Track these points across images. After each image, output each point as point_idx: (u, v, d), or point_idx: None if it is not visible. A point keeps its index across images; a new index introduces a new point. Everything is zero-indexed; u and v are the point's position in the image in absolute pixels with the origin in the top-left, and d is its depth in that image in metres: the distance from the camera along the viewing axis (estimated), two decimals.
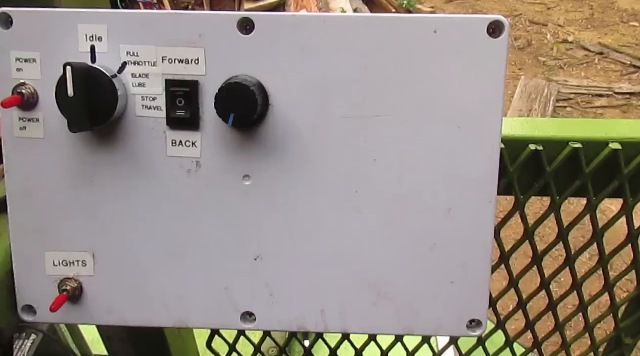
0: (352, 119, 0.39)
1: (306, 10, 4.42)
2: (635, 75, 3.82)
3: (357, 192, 0.40)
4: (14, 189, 0.42)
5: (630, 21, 4.62)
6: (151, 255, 0.42)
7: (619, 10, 4.83)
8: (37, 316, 0.44)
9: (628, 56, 3.99)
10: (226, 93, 0.37)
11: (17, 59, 0.40)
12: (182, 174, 0.41)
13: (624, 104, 3.55)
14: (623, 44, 4.20)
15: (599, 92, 3.65)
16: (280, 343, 0.84)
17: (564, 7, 5.05)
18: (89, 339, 1.03)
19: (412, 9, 4.92)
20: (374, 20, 0.38)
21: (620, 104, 3.55)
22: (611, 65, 3.95)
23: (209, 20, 0.39)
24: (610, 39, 4.31)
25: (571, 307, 0.68)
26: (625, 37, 4.35)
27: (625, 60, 3.94)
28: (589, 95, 3.63)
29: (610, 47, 4.13)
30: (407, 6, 4.90)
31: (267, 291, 0.42)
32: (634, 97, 3.60)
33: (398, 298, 0.41)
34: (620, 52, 4.06)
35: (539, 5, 5.13)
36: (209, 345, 0.82)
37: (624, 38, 4.33)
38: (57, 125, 0.41)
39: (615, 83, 3.73)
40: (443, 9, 5.20)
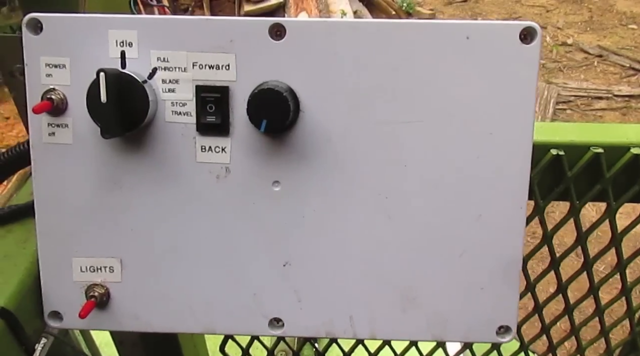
0: (382, 125, 0.39)
1: (306, 12, 4.42)
2: (634, 78, 3.83)
3: (387, 197, 0.40)
4: (42, 195, 0.42)
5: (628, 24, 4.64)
6: (178, 260, 0.42)
7: (618, 13, 4.84)
8: (63, 322, 0.43)
9: (627, 58, 4.00)
10: (259, 99, 0.37)
11: (47, 64, 0.40)
12: (211, 180, 0.41)
13: (624, 106, 3.57)
14: (622, 47, 4.22)
15: (598, 94, 3.66)
16: (294, 347, 0.84)
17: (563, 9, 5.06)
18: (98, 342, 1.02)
19: (412, 11, 4.92)
20: (405, 27, 0.38)
21: (620, 106, 3.56)
22: (610, 68, 3.97)
23: (240, 25, 0.39)
24: (609, 42, 4.33)
25: (580, 313, 0.67)
26: (624, 39, 4.36)
27: (624, 62, 3.96)
28: (588, 98, 3.64)
29: (609, 50, 4.14)
30: (406, 8, 4.91)
31: (296, 297, 0.42)
32: (633, 100, 3.62)
33: (427, 304, 0.41)
34: (619, 54, 4.07)
35: (537, 8, 5.15)
36: (222, 349, 0.82)
37: (623, 40, 4.34)
38: (85, 130, 0.40)
39: (614, 85, 3.74)
40: (442, 12, 5.21)
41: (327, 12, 4.37)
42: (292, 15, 4.35)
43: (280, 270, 0.42)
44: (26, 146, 0.49)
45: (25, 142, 0.49)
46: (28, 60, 0.40)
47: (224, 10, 4.80)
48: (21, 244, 0.45)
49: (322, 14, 4.28)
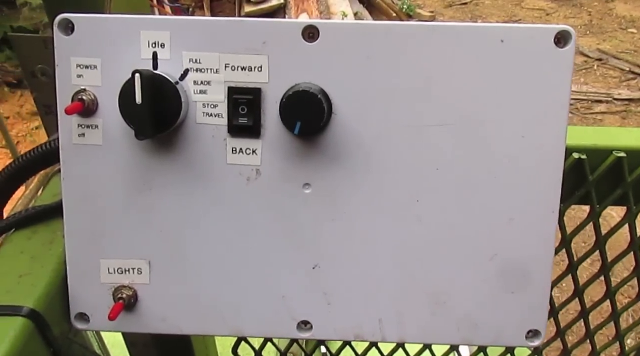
0: (415, 128, 0.39)
1: (307, 13, 4.42)
2: (634, 81, 3.85)
3: (418, 200, 0.40)
4: (71, 195, 0.41)
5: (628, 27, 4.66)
6: (207, 263, 0.42)
7: (617, 17, 4.87)
8: (90, 324, 0.43)
9: (627, 62, 4.02)
10: (293, 101, 0.37)
11: (78, 65, 0.40)
12: (242, 182, 0.41)
13: (623, 110, 3.58)
14: (621, 50, 4.24)
15: (598, 97, 3.68)
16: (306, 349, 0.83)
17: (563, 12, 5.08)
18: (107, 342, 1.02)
19: (412, 13, 4.93)
20: (440, 29, 0.38)
21: (619, 110, 3.58)
22: (610, 71, 3.98)
23: (273, 27, 0.39)
24: (608, 45, 4.34)
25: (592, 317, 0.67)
26: (623, 43, 4.38)
27: (624, 66, 3.97)
28: (588, 101, 3.66)
29: (609, 53, 4.16)
30: (407, 10, 4.92)
31: (325, 300, 0.42)
32: (633, 103, 3.63)
33: (457, 307, 0.41)
34: (618, 58, 4.09)
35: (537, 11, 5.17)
36: (235, 350, 0.82)
37: (622, 44, 4.36)
38: (116, 131, 0.40)
39: (614, 89, 3.76)
40: (442, 14, 5.22)
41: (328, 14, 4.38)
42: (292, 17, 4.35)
43: (310, 273, 0.42)
44: (49, 146, 0.49)
45: (49, 141, 0.49)
46: (59, 60, 0.40)
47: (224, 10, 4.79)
48: (47, 245, 0.44)
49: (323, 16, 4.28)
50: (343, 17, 4.31)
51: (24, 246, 0.44)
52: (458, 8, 5.31)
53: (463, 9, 5.30)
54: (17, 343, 0.37)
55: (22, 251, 0.44)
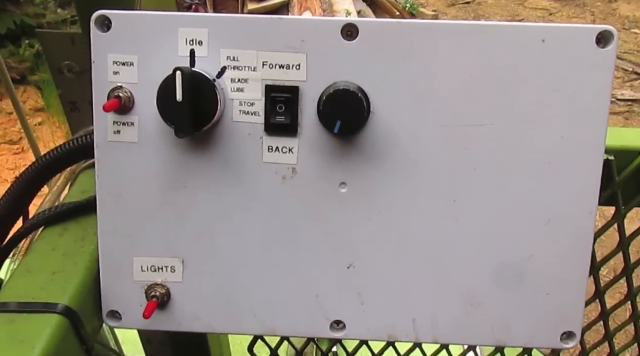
0: (453, 128, 0.39)
1: (310, 11, 4.41)
2: (637, 82, 3.85)
3: (455, 201, 0.40)
4: (105, 193, 0.41)
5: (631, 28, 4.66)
6: (241, 262, 0.42)
7: (620, 17, 4.86)
8: (121, 321, 0.43)
9: (630, 63, 4.01)
10: (334, 100, 0.37)
11: (114, 61, 0.39)
12: (277, 180, 0.41)
13: (626, 111, 3.58)
14: (625, 51, 4.23)
15: None
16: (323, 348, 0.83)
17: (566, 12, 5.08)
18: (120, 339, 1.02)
19: (415, 11, 4.93)
20: (481, 29, 0.38)
21: (622, 111, 3.58)
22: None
23: (312, 25, 0.39)
24: None
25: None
26: (626, 44, 4.38)
27: (627, 66, 3.97)
28: None
29: None
30: (409, 9, 4.91)
31: (359, 299, 0.42)
32: (636, 104, 3.63)
33: (492, 308, 0.41)
34: (622, 58, 4.09)
35: (540, 11, 5.17)
36: (250, 349, 0.82)
37: (626, 45, 4.36)
38: (151, 128, 0.40)
39: (617, 89, 3.76)
40: (445, 13, 5.22)
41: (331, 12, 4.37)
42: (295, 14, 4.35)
43: (344, 272, 0.41)
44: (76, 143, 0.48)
45: (76, 138, 0.49)
46: (95, 57, 0.39)
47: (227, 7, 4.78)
48: (79, 242, 0.44)
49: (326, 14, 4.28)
50: (346, 15, 4.30)
51: (56, 243, 0.44)
52: (461, 7, 5.30)
53: (466, 8, 5.30)
54: (53, 340, 0.37)
55: (53, 248, 0.44)
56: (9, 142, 3.28)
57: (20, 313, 0.38)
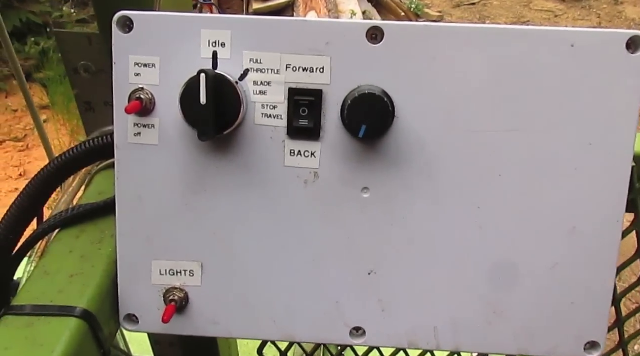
0: (479, 133, 0.39)
1: (315, 11, 4.40)
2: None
3: (480, 207, 0.39)
4: (124, 195, 0.41)
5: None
6: (261, 266, 0.41)
7: (627, 20, 4.85)
8: (139, 325, 0.43)
9: None
10: (359, 104, 0.37)
11: (136, 63, 0.39)
12: (299, 185, 0.40)
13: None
14: None
15: None
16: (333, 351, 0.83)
17: (572, 14, 5.06)
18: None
19: (420, 12, 4.92)
20: (508, 33, 0.37)
21: None
22: None
23: (338, 28, 0.38)
24: None
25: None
26: None
27: None
28: None
29: None
30: (415, 10, 4.91)
31: (379, 306, 0.41)
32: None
33: (515, 317, 0.41)
34: None
35: (546, 13, 5.15)
36: (260, 351, 0.81)
37: None
38: (172, 131, 0.40)
39: None
40: (450, 14, 5.21)
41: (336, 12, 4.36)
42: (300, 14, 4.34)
43: (365, 278, 0.41)
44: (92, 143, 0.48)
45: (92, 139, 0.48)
46: (117, 58, 0.39)
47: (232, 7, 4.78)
48: (96, 244, 0.44)
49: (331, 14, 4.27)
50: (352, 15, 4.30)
51: (73, 245, 0.44)
52: (466, 8, 5.29)
53: (471, 9, 5.29)
54: (72, 344, 0.37)
55: (71, 250, 0.43)
56: (13, 139, 3.28)
57: (39, 317, 0.38)
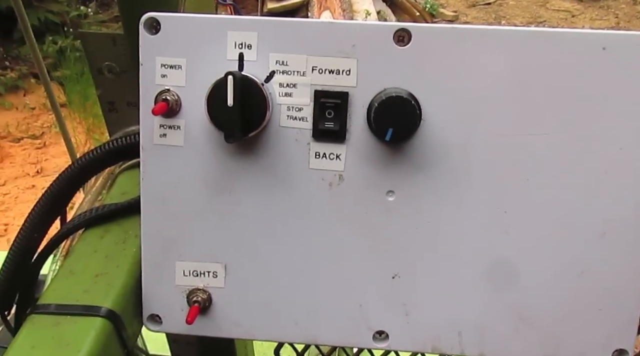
0: (507, 137, 0.38)
1: (329, 11, 4.40)
2: None
3: (506, 212, 0.39)
4: (149, 196, 0.41)
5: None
6: (284, 268, 0.41)
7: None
8: (162, 326, 0.43)
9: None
10: (386, 107, 0.36)
11: (162, 64, 0.39)
12: (324, 187, 0.40)
13: None
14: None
15: None
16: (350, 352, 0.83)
17: (589, 14, 5.00)
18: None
19: (435, 12, 4.90)
20: (538, 35, 0.37)
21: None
22: None
23: (364, 30, 0.38)
24: None
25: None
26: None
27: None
28: None
29: None
30: (429, 9, 4.88)
31: (403, 310, 0.41)
32: None
33: (541, 323, 0.40)
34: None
35: (563, 12, 5.09)
36: (277, 352, 0.81)
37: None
38: (198, 132, 0.40)
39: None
40: (465, 14, 5.17)
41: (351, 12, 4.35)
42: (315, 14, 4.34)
43: (389, 282, 0.41)
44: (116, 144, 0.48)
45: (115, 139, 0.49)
46: (143, 60, 0.39)
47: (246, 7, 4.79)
48: (120, 244, 0.44)
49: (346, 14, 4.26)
50: (367, 15, 4.29)
51: (98, 245, 0.44)
52: (481, 8, 5.25)
53: (487, 9, 5.25)
54: (97, 344, 0.37)
55: (95, 250, 0.43)
56: (31, 136, 3.32)
57: (65, 316, 0.38)
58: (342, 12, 4.32)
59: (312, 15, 4.37)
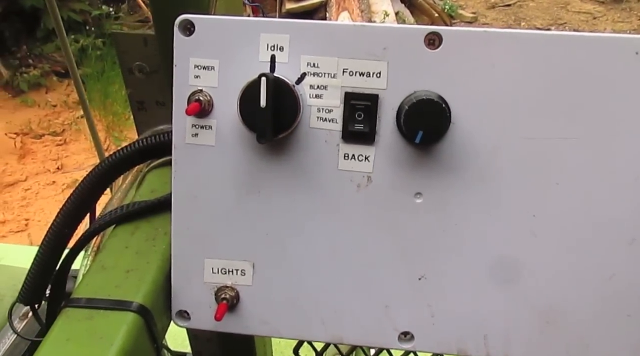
0: (536, 141, 0.38)
1: (348, 12, 4.40)
2: None
3: (535, 215, 0.39)
4: (180, 194, 0.42)
5: None
6: (311, 268, 0.42)
7: None
8: (190, 322, 0.44)
9: None
10: (416, 110, 0.37)
11: (196, 65, 0.40)
12: (352, 188, 0.40)
13: None
14: None
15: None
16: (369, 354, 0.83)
17: (611, 17, 4.93)
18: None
19: (454, 13, 4.87)
20: (570, 39, 0.37)
21: None
22: None
23: (396, 33, 0.38)
24: None
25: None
26: None
27: None
28: None
29: None
30: (448, 11, 4.86)
31: (429, 312, 0.41)
32: None
33: (568, 327, 0.40)
34: None
35: (584, 15, 5.03)
36: (296, 351, 0.82)
37: None
38: (228, 132, 0.40)
39: None
40: (485, 15, 5.13)
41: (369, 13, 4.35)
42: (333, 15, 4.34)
43: (415, 284, 0.41)
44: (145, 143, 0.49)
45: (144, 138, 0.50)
46: (177, 60, 0.40)
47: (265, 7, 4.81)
48: (150, 241, 0.45)
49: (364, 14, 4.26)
50: (385, 16, 4.28)
51: (129, 241, 0.45)
52: (501, 9, 5.21)
53: (506, 10, 5.20)
54: (129, 338, 0.38)
55: (126, 246, 0.44)
56: (52, 133, 3.38)
57: (98, 310, 0.39)
58: (360, 13, 4.32)
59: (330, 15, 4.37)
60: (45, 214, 2.68)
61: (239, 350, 0.81)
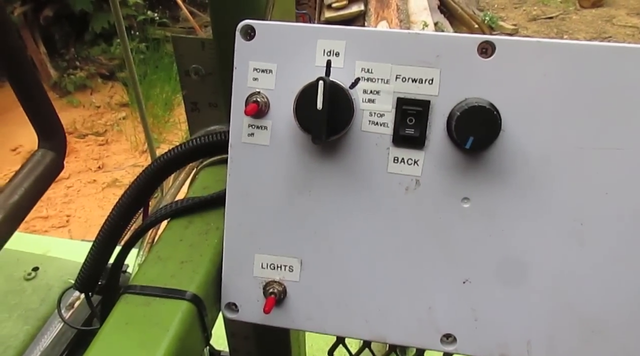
0: (586, 150, 0.39)
1: (387, 21, 4.41)
2: None
3: (582, 224, 0.39)
4: (235, 191, 0.44)
5: None
6: (358, 267, 0.43)
7: None
8: (238, 314, 0.45)
9: None
10: (468, 117, 0.38)
11: (255, 68, 0.42)
12: (400, 191, 0.41)
13: None
14: None
15: None
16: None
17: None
18: None
19: (494, 25, 4.82)
20: (621, 50, 0.37)
21: None
22: None
23: (449, 41, 0.39)
24: None
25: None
26: None
27: None
28: None
29: None
30: (488, 22, 4.81)
31: (472, 315, 0.42)
32: None
33: (613, 337, 0.40)
34: None
35: (630, 29, 4.90)
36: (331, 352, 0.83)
37: None
38: (283, 133, 0.42)
39: None
40: (526, 27, 5.06)
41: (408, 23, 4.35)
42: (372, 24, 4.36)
43: (460, 287, 0.42)
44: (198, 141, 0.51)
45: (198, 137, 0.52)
46: (237, 63, 0.42)
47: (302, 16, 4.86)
48: (203, 235, 0.47)
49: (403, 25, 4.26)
50: (424, 27, 4.27)
51: (183, 234, 0.47)
52: (543, 22, 5.13)
53: (548, 23, 5.11)
54: (183, 325, 0.40)
55: (181, 239, 0.47)
56: (95, 133, 3.49)
57: (154, 297, 0.41)
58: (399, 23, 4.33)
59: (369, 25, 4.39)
60: (86, 211, 2.78)
61: (275, 347, 0.83)
